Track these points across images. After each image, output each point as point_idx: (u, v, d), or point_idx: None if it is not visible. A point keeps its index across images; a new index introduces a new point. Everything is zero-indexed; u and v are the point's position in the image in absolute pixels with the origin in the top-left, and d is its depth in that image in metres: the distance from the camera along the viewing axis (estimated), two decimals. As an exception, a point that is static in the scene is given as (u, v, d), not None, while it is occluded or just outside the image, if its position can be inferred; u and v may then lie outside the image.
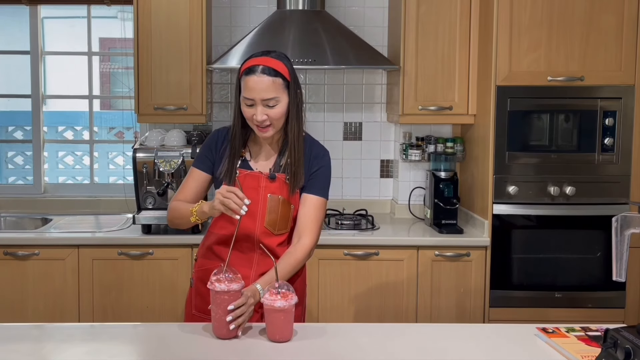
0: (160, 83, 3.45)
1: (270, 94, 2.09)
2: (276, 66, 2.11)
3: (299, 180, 2.18)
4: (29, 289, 3.29)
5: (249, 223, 2.16)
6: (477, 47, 3.45)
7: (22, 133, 5.39)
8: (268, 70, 2.10)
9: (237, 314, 1.92)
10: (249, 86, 2.10)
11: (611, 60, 3.25)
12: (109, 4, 3.84)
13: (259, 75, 2.09)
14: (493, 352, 1.92)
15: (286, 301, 1.89)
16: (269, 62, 2.11)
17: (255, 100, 2.09)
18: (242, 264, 2.18)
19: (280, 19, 3.50)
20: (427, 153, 3.73)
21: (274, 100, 2.10)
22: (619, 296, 3.32)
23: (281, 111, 2.12)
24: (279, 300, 1.88)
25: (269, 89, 2.09)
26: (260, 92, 2.09)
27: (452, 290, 3.33)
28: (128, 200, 3.74)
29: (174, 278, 3.29)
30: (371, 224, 3.56)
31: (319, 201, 2.22)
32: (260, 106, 2.10)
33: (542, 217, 3.31)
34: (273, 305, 1.88)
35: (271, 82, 2.09)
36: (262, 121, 2.11)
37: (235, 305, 1.92)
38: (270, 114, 2.11)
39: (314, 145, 2.26)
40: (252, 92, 2.09)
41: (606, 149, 3.29)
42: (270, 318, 1.91)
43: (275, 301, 1.88)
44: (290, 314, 1.91)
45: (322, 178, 2.24)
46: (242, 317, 1.93)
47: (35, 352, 1.88)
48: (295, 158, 2.17)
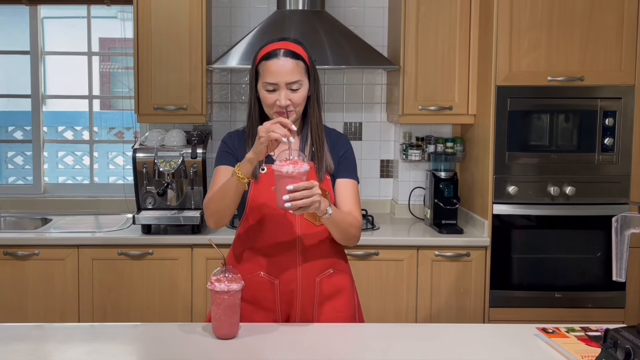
0: (160, 83, 3.45)
1: (294, 77, 2.03)
2: (297, 50, 2.07)
3: (325, 165, 2.11)
4: (29, 289, 3.29)
5: (287, 219, 2.06)
6: (477, 47, 3.45)
7: (22, 133, 5.39)
8: (290, 53, 2.04)
9: (296, 197, 1.83)
10: (272, 70, 2.02)
11: (611, 60, 3.25)
12: (109, 4, 3.84)
13: (281, 59, 2.03)
14: (493, 352, 1.92)
15: (294, 167, 1.84)
16: (290, 46, 2.07)
17: (279, 85, 2.02)
18: (285, 268, 2.08)
19: (280, 19, 3.50)
20: (427, 153, 3.73)
21: (297, 83, 2.03)
22: (619, 296, 3.32)
23: (303, 95, 2.06)
24: (287, 165, 1.85)
25: (294, 71, 2.03)
26: (285, 75, 2.02)
27: (452, 290, 3.33)
28: (128, 200, 3.74)
29: (174, 278, 3.29)
30: (371, 224, 3.56)
31: (354, 184, 2.17)
32: (284, 90, 2.02)
33: (542, 217, 3.31)
34: (281, 171, 1.85)
35: (295, 64, 2.04)
36: (286, 106, 2.02)
37: (295, 187, 1.83)
38: (294, 98, 2.04)
39: (331, 131, 2.22)
40: (276, 76, 2.02)
41: (606, 149, 3.29)
42: (279, 185, 1.87)
43: (283, 166, 1.85)
44: (298, 180, 1.85)
45: (351, 161, 2.19)
46: (302, 201, 1.83)
47: (35, 352, 1.88)
48: (320, 144, 2.12)
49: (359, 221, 2.13)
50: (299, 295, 2.09)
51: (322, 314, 2.11)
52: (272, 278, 2.08)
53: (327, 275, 2.12)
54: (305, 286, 2.09)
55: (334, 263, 2.15)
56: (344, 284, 2.17)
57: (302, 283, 2.08)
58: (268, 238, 2.08)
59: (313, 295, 2.10)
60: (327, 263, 2.12)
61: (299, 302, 2.09)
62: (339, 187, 2.14)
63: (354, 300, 2.21)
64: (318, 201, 1.87)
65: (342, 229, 2.06)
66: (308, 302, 2.10)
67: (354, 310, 2.19)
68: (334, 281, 2.13)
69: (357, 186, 2.19)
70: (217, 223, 2.08)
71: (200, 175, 3.36)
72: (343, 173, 2.15)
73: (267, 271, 2.09)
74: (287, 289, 2.08)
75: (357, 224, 2.11)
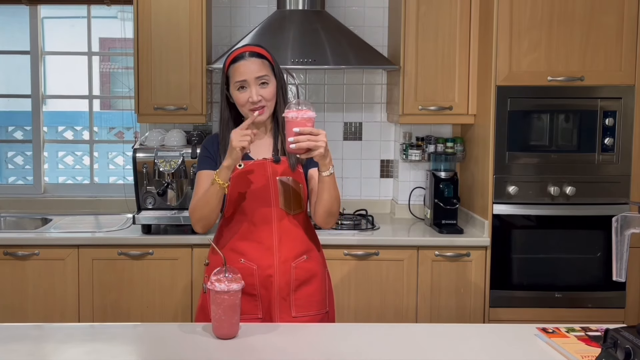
0: (160, 83, 3.45)
1: (262, 72, 2.20)
2: (261, 51, 2.25)
3: (295, 158, 2.24)
4: (29, 289, 3.29)
5: (264, 209, 2.22)
6: (477, 47, 3.45)
7: (22, 133, 5.40)
8: (255, 54, 2.23)
9: (300, 139, 1.99)
10: (240, 70, 2.20)
11: (611, 60, 3.25)
12: (109, 4, 3.84)
13: (248, 59, 2.21)
14: (493, 352, 1.92)
15: (299, 113, 2.00)
16: (253, 49, 2.26)
17: (249, 81, 2.19)
18: (263, 255, 2.22)
19: (280, 19, 3.50)
20: (427, 153, 3.73)
21: (265, 77, 2.21)
22: (619, 296, 3.32)
23: (272, 91, 2.22)
24: (292, 112, 2.01)
25: (261, 68, 2.21)
26: (253, 72, 2.20)
27: (452, 290, 3.33)
28: (128, 200, 3.74)
29: (174, 278, 3.29)
30: (371, 224, 3.56)
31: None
32: (254, 86, 2.19)
33: (542, 217, 3.31)
34: (287, 117, 2.02)
35: (260, 62, 2.22)
36: (258, 101, 2.19)
37: (301, 130, 2.00)
38: (264, 93, 2.20)
39: None
40: (244, 74, 2.19)
41: (606, 149, 3.29)
42: (287, 130, 2.03)
43: (289, 113, 2.02)
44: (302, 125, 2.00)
45: None
46: (306, 143, 2.00)
47: (35, 352, 1.88)
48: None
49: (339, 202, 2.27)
50: (277, 280, 2.23)
51: (298, 298, 2.26)
52: (251, 264, 2.23)
53: (302, 261, 2.27)
54: (282, 271, 2.23)
55: (307, 250, 2.29)
56: (317, 270, 2.31)
57: (279, 268, 2.23)
58: (247, 227, 2.24)
59: (289, 280, 2.24)
60: (302, 250, 2.28)
61: (276, 287, 2.23)
62: (311, 177, 2.29)
63: (325, 285, 2.35)
64: (323, 147, 2.03)
65: (333, 197, 2.18)
66: (285, 286, 2.24)
67: (325, 295, 2.34)
68: (307, 267, 2.28)
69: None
70: (205, 227, 2.25)
71: (200, 175, 3.36)
72: (314, 162, 2.23)
73: (247, 258, 2.23)
74: (265, 274, 2.23)
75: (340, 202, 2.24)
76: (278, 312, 2.23)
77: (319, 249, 2.37)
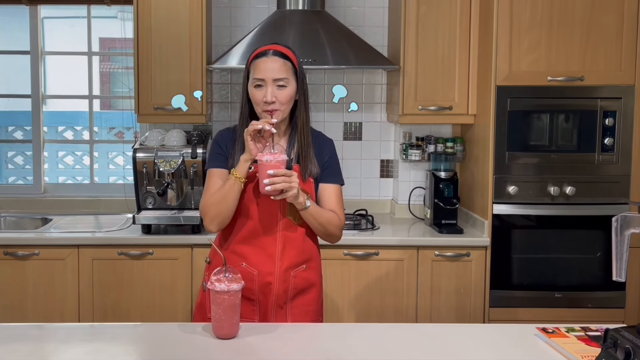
0: (160, 83, 3.45)
1: (281, 74, 2.15)
2: (286, 52, 2.20)
3: (309, 167, 2.22)
4: (29, 289, 3.29)
5: (270, 215, 2.20)
6: (477, 47, 3.45)
7: (22, 133, 5.39)
8: (279, 53, 2.18)
9: (276, 181, 2.03)
10: (261, 67, 2.16)
11: (611, 60, 3.25)
12: (109, 4, 3.84)
13: (270, 57, 2.17)
14: (493, 352, 1.92)
15: (273, 157, 2.05)
16: (279, 48, 2.20)
17: (266, 80, 2.14)
18: (265, 261, 2.20)
19: (280, 19, 3.50)
20: (427, 153, 3.73)
21: (284, 81, 2.15)
22: (619, 296, 3.32)
23: (289, 94, 2.17)
24: (267, 155, 2.06)
25: (281, 69, 2.15)
26: (272, 71, 2.14)
27: (452, 290, 3.33)
28: (128, 200, 3.74)
29: (174, 278, 3.29)
30: (371, 224, 3.56)
31: (339, 188, 2.31)
32: (271, 87, 2.14)
33: (542, 217, 3.31)
34: (262, 160, 2.06)
35: (282, 63, 2.16)
36: (271, 102, 2.14)
37: (275, 172, 2.03)
38: (279, 96, 2.14)
39: (318, 135, 2.33)
40: (263, 72, 2.15)
41: (606, 149, 3.29)
42: (261, 173, 2.07)
43: (264, 156, 2.06)
44: (277, 168, 2.05)
45: (336, 165, 2.31)
46: (281, 185, 2.04)
47: (35, 352, 1.88)
48: (306, 147, 2.22)
49: (341, 221, 2.28)
50: (275, 288, 2.21)
51: (294, 307, 2.26)
52: (252, 270, 2.20)
53: (301, 270, 2.25)
54: (281, 280, 2.21)
55: (307, 259, 2.28)
56: (315, 279, 2.30)
57: (279, 277, 2.21)
58: (251, 231, 2.21)
59: (287, 288, 2.23)
60: (303, 259, 2.26)
61: (274, 294, 2.22)
62: (324, 191, 2.28)
63: (321, 295, 2.36)
64: (296, 188, 2.07)
65: (321, 224, 2.21)
66: (282, 294, 2.22)
67: (320, 305, 2.35)
68: (306, 276, 2.27)
69: (341, 190, 2.33)
70: (220, 225, 2.22)
71: (200, 175, 3.36)
72: (328, 178, 2.28)
73: (248, 263, 2.21)
74: (264, 281, 2.21)
75: (337, 222, 2.26)
76: (274, 319, 2.22)
77: (319, 258, 2.35)
